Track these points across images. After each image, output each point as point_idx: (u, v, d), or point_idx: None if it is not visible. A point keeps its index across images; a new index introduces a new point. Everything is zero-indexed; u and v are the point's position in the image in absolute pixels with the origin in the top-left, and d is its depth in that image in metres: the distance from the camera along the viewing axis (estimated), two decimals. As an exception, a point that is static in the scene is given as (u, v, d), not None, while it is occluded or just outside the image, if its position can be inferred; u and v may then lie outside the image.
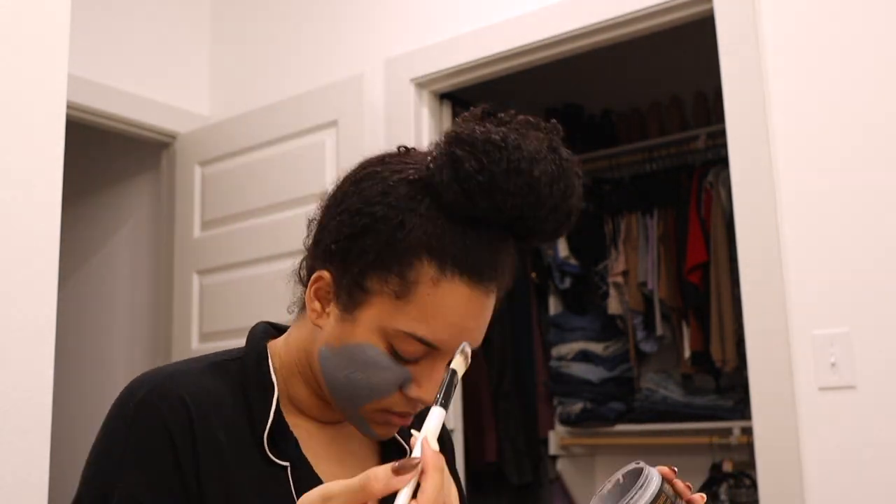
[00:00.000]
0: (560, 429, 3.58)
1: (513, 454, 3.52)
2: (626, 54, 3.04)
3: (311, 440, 0.89)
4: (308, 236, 0.90)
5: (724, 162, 2.88)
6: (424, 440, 0.65)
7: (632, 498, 0.79)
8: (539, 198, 0.79)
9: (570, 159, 0.82)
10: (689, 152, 3.37)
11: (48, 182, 1.62)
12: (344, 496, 0.63)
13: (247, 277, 2.67)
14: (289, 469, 0.84)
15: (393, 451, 0.95)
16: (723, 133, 2.15)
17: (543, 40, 2.37)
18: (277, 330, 0.96)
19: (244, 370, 0.88)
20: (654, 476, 0.81)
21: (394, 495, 0.62)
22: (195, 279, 2.88)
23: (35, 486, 1.53)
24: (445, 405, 0.69)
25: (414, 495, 0.62)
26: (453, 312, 0.80)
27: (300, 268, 0.92)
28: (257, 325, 0.95)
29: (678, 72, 3.59)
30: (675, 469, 0.83)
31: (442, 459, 0.65)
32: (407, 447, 0.92)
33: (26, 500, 1.51)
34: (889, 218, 1.82)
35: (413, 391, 0.83)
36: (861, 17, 1.90)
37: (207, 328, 2.82)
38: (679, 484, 0.83)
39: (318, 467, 0.87)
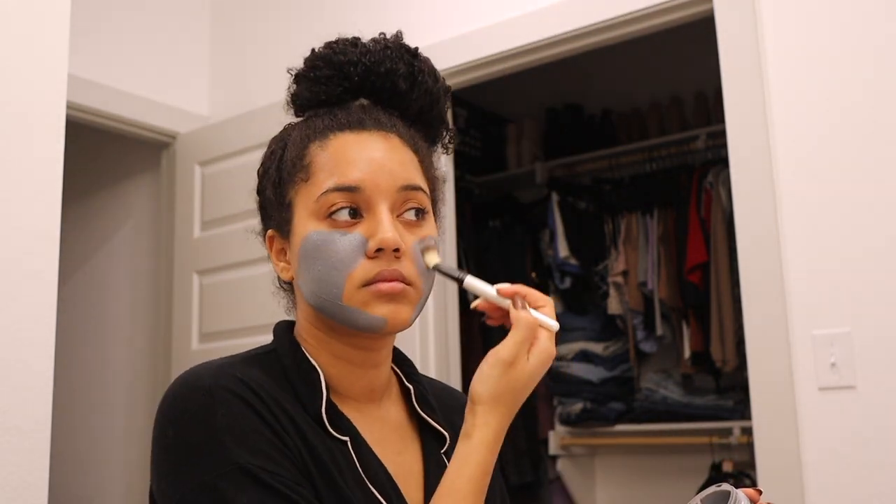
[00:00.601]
0: (560, 429, 3.58)
1: (513, 454, 3.53)
2: (626, 54, 3.04)
3: (355, 422, 0.90)
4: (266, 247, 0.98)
5: (724, 162, 2.88)
6: (499, 286, 0.87)
7: None
8: (367, 51, 0.92)
9: (389, 37, 0.95)
10: (689, 152, 3.38)
11: (48, 182, 1.62)
12: (526, 349, 0.84)
13: (247, 277, 2.67)
14: (349, 443, 0.86)
15: (429, 435, 0.97)
16: (723, 133, 2.15)
17: (543, 40, 2.37)
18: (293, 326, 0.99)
19: (281, 360, 0.90)
20: (742, 500, 0.79)
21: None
22: (195, 279, 2.88)
23: (35, 486, 1.53)
24: (463, 278, 0.88)
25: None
26: (349, 153, 0.88)
27: (278, 278, 0.98)
28: (279, 322, 0.97)
29: (678, 72, 3.59)
30: (761, 490, 0.84)
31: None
32: (438, 427, 0.97)
33: (26, 500, 1.51)
34: (889, 218, 1.82)
35: (371, 244, 0.86)
36: (861, 17, 1.90)
37: (207, 328, 2.82)
38: None
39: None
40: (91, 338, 3.30)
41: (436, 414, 0.98)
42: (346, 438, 0.86)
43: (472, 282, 0.88)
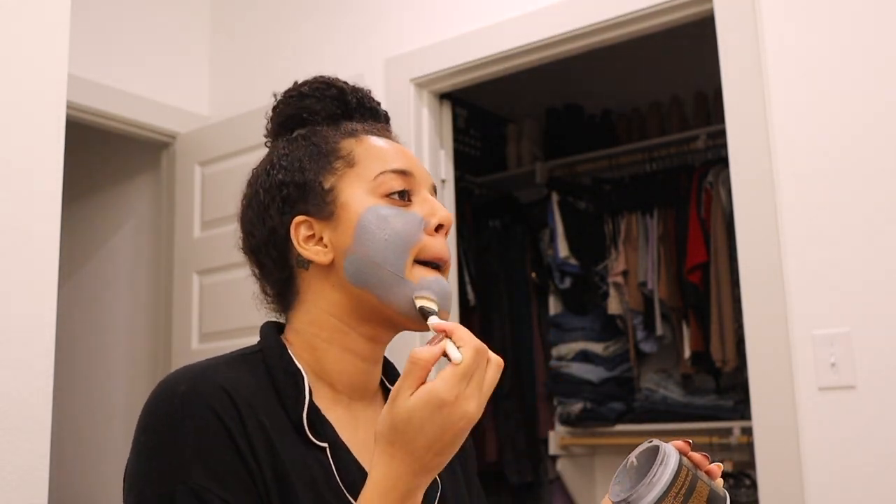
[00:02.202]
0: (560, 429, 3.58)
1: (513, 454, 3.52)
2: (626, 54, 3.04)
3: (341, 424, 0.91)
4: (250, 257, 1.02)
5: (724, 162, 2.88)
6: (432, 319, 0.85)
7: (654, 476, 0.79)
8: (356, 88, 1.02)
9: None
10: (689, 152, 3.38)
11: (48, 182, 1.62)
12: (409, 385, 0.77)
13: (247, 277, 2.66)
14: (328, 450, 0.87)
15: None
16: (723, 133, 2.15)
17: (543, 40, 2.37)
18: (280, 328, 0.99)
19: (266, 361, 0.91)
20: (671, 452, 0.81)
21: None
22: (195, 279, 2.88)
23: (35, 486, 1.53)
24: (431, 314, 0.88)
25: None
26: (388, 149, 0.96)
27: (262, 289, 1.01)
28: (266, 322, 0.98)
29: (678, 72, 3.59)
30: (690, 441, 0.85)
31: (453, 322, 0.82)
32: None
33: (26, 500, 1.51)
34: (889, 218, 1.82)
35: (432, 220, 0.93)
36: (861, 17, 1.90)
37: (207, 328, 2.82)
38: (696, 456, 0.85)
39: (351, 450, 0.90)
40: (91, 338, 3.30)
41: None
42: (325, 445, 0.87)
43: (432, 321, 0.86)
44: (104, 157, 3.38)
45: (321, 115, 0.99)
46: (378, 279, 0.90)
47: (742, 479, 3.08)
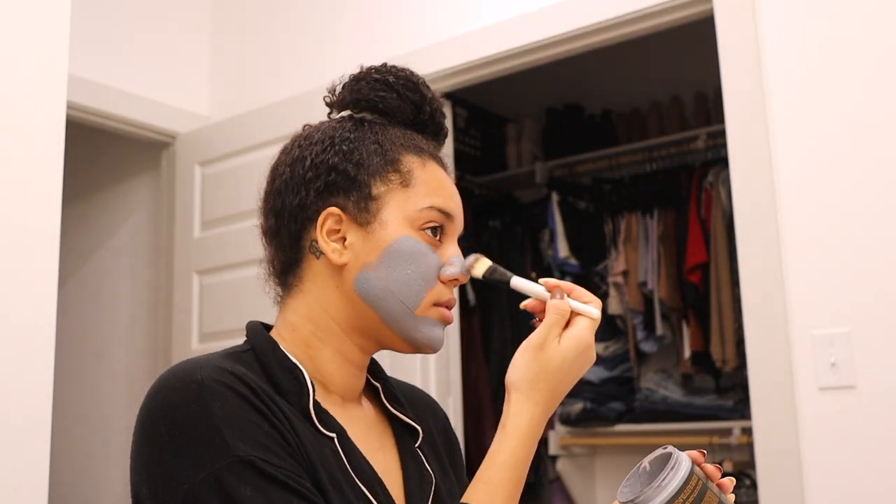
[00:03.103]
0: (560, 429, 3.58)
1: (513, 454, 3.52)
2: (626, 54, 3.04)
3: (339, 419, 0.91)
4: (267, 216, 0.96)
5: (724, 162, 2.88)
6: (547, 281, 0.91)
7: (664, 480, 0.80)
8: (434, 98, 1.00)
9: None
10: (689, 152, 3.37)
11: (48, 182, 1.62)
12: (556, 334, 0.87)
13: (247, 277, 2.67)
14: (336, 439, 0.87)
15: (402, 431, 0.99)
16: (723, 133, 2.15)
17: (543, 40, 2.37)
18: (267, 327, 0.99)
19: (260, 359, 0.90)
20: (683, 459, 0.82)
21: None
22: (195, 279, 2.88)
23: (35, 486, 1.53)
24: (510, 278, 0.92)
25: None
26: (443, 184, 0.95)
27: (270, 260, 0.97)
28: (251, 322, 0.97)
29: (678, 72, 3.59)
30: (705, 452, 0.87)
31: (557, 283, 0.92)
32: (411, 422, 1.00)
33: (26, 500, 1.51)
34: (889, 218, 1.82)
35: (449, 270, 0.92)
36: (861, 17, 1.90)
37: (207, 328, 2.82)
38: (709, 467, 0.86)
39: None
40: (91, 338, 3.30)
41: (406, 409, 1.00)
42: (333, 434, 0.87)
43: (518, 282, 0.92)
44: (104, 157, 3.38)
45: (396, 115, 0.97)
46: (388, 305, 0.90)
47: (742, 479, 3.07)
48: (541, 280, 0.92)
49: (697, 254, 3.13)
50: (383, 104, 0.96)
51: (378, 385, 1.01)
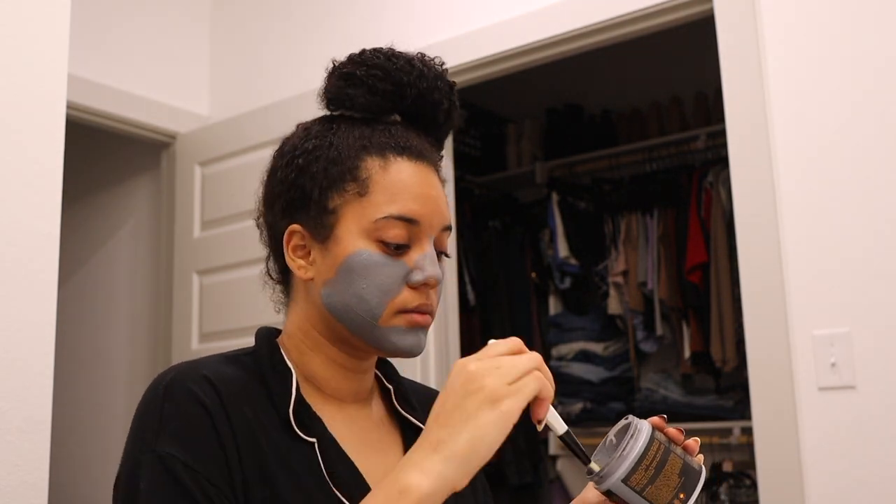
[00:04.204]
0: (560, 429, 3.58)
1: (513, 454, 3.53)
2: (626, 54, 3.04)
3: (334, 422, 0.91)
4: (261, 228, 0.97)
5: (724, 162, 2.88)
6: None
7: (624, 449, 0.80)
8: (422, 76, 0.93)
9: (437, 66, 0.98)
10: (689, 152, 3.38)
11: (48, 182, 1.62)
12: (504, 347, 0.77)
13: (247, 277, 2.67)
14: (316, 445, 0.87)
15: (412, 434, 0.97)
16: (723, 133, 2.15)
17: (543, 40, 2.37)
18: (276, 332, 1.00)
19: (258, 361, 0.91)
20: (643, 426, 0.82)
21: None
22: (195, 279, 2.88)
23: (35, 486, 1.53)
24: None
25: None
26: (410, 183, 0.89)
27: (267, 270, 0.98)
28: (262, 327, 0.98)
29: (678, 72, 3.59)
30: (665, 416, 0.87)
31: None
32: (420, 425, 0.95)
33: (26, 500, 1.51)
34: (889, 218, 1.82)
35: (417, 276, 0.88)
36: (861, 17, 1.90)
37: (207, 328, 2.82)
38: (671, 430, 0.86)
39: (344, 447, 0.89)
40: (91, 337, 3.30)
41: (417, 412, 0.99)
42: (314, 440, 0.87)
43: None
44: (104, 157, 3.38)
45: (371, 111, 0.93)
46: (351, 318, 0.89)
47: (742, 479, 3.08)
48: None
49: (697, 254, 3.13)
50: (350, 103, 0.93)
51: (390, 387, 1.01)
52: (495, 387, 0.73)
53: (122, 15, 2.93)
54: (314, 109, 1.04)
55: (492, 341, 0.78)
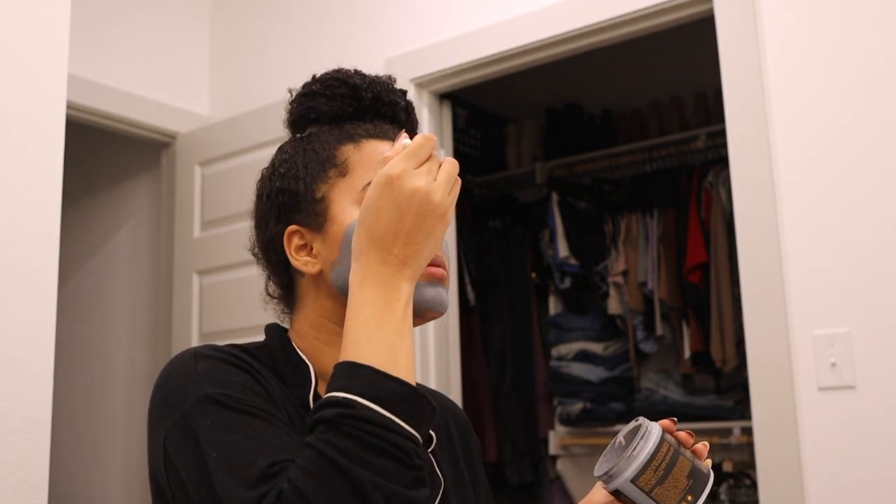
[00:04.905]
0: (560, 429, 3.58)
1: (513, 454, 3.52)
2: (626, 54, 3.04)
3: None
4: (255, 247, 1.01)
5: (724, 162, 2.88)
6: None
7: (634, 449, 0.82)
8: (375, 81, 0.99)
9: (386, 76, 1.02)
10: (689, 152, 3.38)
11: (48, 182, 1.62)
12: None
13: (247, 277, 2.67)
14: None
15: None
16: (723, 133, 2.15)
17: (543, 40, 2.37)
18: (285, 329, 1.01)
19: (272, 354, 0.92)
20: (654, 428, 0.83)
21: None
22: (195, 279, 2.88)
23: (35, 486, 1.53)
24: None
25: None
26: (386, 154, 0.89)
27: (267, 290, 1.01)
28: (271, 323, 1.00)
29: (678, 72, 3.59)
30: (675, 420, 0.88)
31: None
32: None
33: (26, 500, 1.51)
34: (889, 218, 1.82)
35: None
36: (861, 17, 1.90)
37: (207, 328, 2.82)
38: (681, 434, 0.87)
39: None
40: (91, 338, 3.30)
41: None
42: None
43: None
44: (104, 157, 3.39)
45: (329, 116, 0.97)
46: None
47: (742, 479, 3.08)
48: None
49: (697, 254, 3.13)
50: (315, 114, 0.98)
51: None
52: (443, 202, 0.80)
53: (122, 15, 2.93)
54: (314, 109, 1.04)
55: (406, 140, 0.83)
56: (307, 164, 0.94)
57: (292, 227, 0.94)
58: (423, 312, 0.90)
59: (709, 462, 0.88)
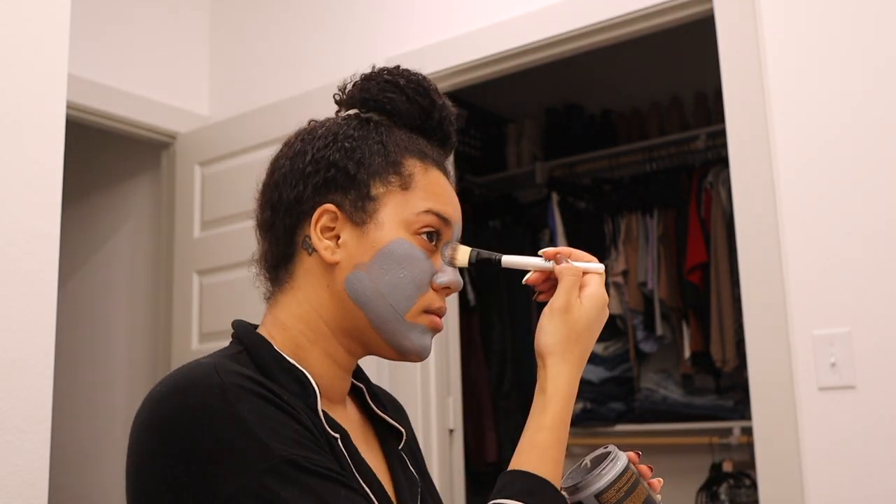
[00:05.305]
0: (560, 429, 3.57)
1: (513, 454, 3.52)
2: (626, 54, 3.04)
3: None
4: (263, 208, 0.96)
5: (724, 162, 2.88)
6: (537, 259, 0.94)
7: (603, 470, 0.89)
8: (445, 106, 0.99)
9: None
10: (689, 152, 3.38)
11: (48, 182, 1.62)
12: (577, 294, 0.92)
13: (247, 277, 2.65)
14: (339, 440, 0.87)
15: (386, 432, 1.00)
16: (723, 133, 2.15)
17: (543, 40, 2.37)
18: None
19: (256, 360, 0.88)
20: (621, 455, 0.92)
21: None
22: (195, 279, 2.88)
23: (35, 486, 1.53)
24: (500, 258, 0.94)
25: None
26: (444, 191, 0.94)
27: (262, 255, 0.98)
28: (237, 321, 0.97)
29: (678, 72, 3.59)
30: (640, 453, 0.96)
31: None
32: (395, 424, 1.00)
33: (26, 500, 1.51)
34: (889, 218, 1.82)
35: (442, 278, 0.92)
36: (861, 17, 1.90)
37: (207, 328, 2.82)
38: (643, 467, 0.95)
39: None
40: (91, 338, 3.30)
41: (389, 411, 1.01)
42: (338, 435, 0.86)
43: (510, 259, 0.94)
44: (104, 157, 3.38)
45: (400, 115, 0.96)
46: (378, 308, 0.89)
47: (742, 479, 3.08)
48: (540, 251, 0.94)
49: (697, 254, 3.13)
50: (391, 105, 0.95)
51: (361, 386, 1.01)
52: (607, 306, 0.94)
53: (122, 15, 2.93)
54: (314, 109, 1.04)
55: (575, 251, 0.94)
56: (373, 156, 0.91)
57: (330, 206, 0.90)
58: (407, 354, 0.92)
59: (660, 497, 0.95)
